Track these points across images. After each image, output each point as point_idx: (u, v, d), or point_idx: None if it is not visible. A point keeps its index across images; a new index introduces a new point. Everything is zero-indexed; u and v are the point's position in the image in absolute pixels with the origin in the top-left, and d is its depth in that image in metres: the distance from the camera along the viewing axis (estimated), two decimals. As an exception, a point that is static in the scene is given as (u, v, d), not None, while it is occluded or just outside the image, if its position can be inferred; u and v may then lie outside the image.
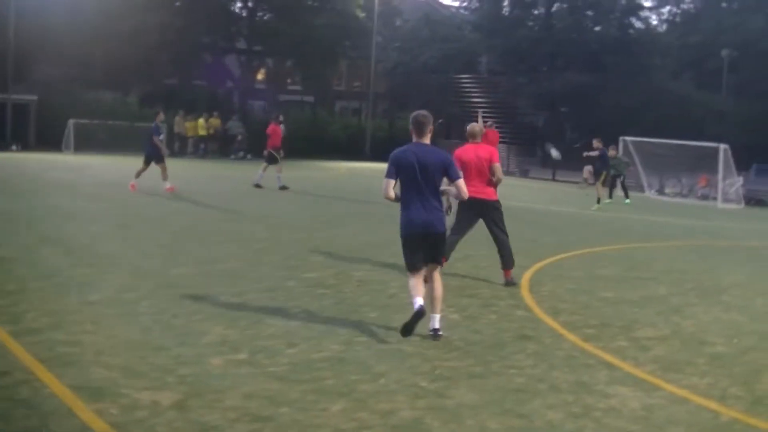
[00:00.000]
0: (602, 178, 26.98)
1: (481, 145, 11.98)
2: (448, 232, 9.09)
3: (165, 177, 22.23)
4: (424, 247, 8.48)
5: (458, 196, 8.84)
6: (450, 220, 9.62)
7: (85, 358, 7.08)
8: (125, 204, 18.98)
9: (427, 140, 8.60)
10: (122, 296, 9.46)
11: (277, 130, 26.62)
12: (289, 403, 6.24)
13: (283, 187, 25.47)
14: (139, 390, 6.31)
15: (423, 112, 8.78)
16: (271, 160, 25.84)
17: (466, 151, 11.75)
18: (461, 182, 8.73)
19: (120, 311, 8.76)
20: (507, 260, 11.92)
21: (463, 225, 12.06)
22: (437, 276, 8.65)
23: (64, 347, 7.33)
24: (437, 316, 8.45)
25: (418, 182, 8.39)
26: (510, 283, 11.74)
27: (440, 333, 8.33)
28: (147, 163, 22.38)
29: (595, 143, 27.33)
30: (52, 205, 18.18)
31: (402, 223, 8.58)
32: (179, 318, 8.58)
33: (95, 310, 8.73)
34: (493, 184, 11.84)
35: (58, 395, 6.10)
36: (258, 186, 25.54)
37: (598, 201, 26.13)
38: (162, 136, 23.10)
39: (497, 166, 11.78)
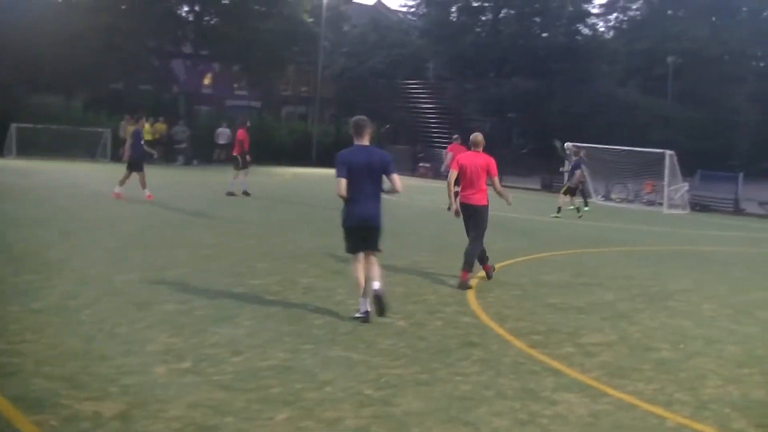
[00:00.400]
0: (564, 188, 26.71)
1: (480, 154, 12.65)
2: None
3: (144, 184, 22.22)
4: (363, 237, 9.63)
5: (392, 189, 9.71)
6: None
7: (25, 368, 6.95)
8: (71, 210, 18.76)
9: (366, 141, 9.69)
10: (66, 304, 9.32)
11: (246, 136, 27.03)
12: (234, 412, 6.18)
13: (231, 194, 25.69)
14: (80, 401, 6.21)
15: (362, 116, 9.88)
16: (241, 164, 26.25)
17: (467, 157, 12.66)
18: (395, 176, 9.63)
19: (63, 319, 8.63)
20: (469, 263, 12.20)
21: (468, 228, 12.67)
22: (374, 260, 9.67)
23: (5, 357, 7.20)
24: (377, 283, 9.38)
25: (365, 180, 9.43)
26: (463, 285, 11.94)
27: (381, 293, 9.32)
28: (133, 169, 22.27)
29: (575, 149, 27.31)
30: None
31: (345, 215, 9.65)
32: (123, 326, 8.47)
33: (37, 318, 8.58)
34: (485, 191, 12.54)
35: (-3, 406, 5.97)
36: (246, 193, 26.08)
37: (559, 210, 25.99)
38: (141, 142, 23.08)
39: (497, 180, 12.72)
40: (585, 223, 24.89)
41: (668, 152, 33.75)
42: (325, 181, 29.00)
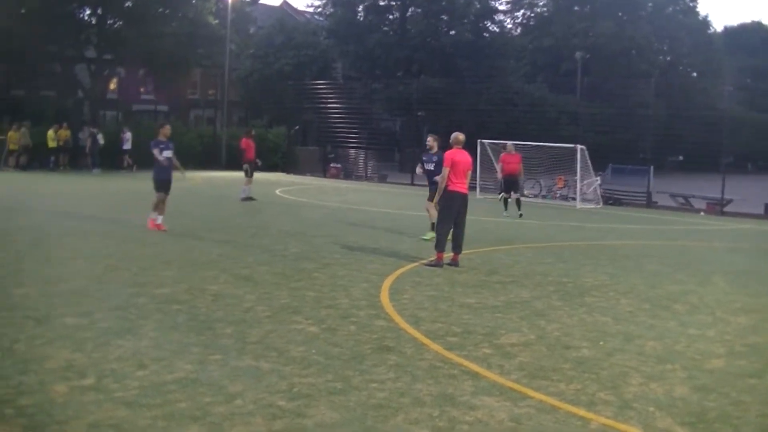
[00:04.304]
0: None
1: (464, 151, 15.01)
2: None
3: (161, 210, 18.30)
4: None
5: None
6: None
7: None
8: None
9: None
10: (-41, 321, 8.89)
11: (250, 144, 27.61)
12: (138, 431, 5.88)
13: (248, 198, 26.74)
14: (-28, 426, 5.85)
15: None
16: (249, 172, 26.95)
17: (457, 154, 14.76)
18: None
19: (-45, 338, 8.21)
20: (461, 244, 14.71)
21: (452, 215, 14.60)
22: None
23: None
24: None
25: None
26: (454, 263, 14.41)
27: None
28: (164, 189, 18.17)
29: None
30: None
31: None
32: (20, 343, 8.08)
33: (-72, 338, 8.16)
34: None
35: None
36: (248, 199, 26.75)
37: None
38: (170, 153, 18.22)
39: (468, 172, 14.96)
40: (497, 220, 24.91)
41: (579, 147, 34.00)
42: (234, 185, 28.66)
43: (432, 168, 18.17)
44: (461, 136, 15.03)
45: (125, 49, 48.52)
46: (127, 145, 43.47)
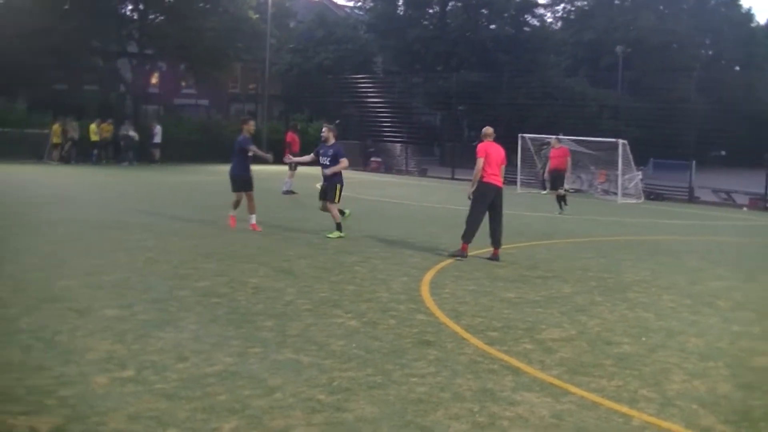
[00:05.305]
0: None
1: (496, 144, 14.98)
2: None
3: (252, 210, 17.66)
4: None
5: None
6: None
7: (-42, 381, 6.59)
8: (6, 214, 18.20)
9: None
10: (1, 312, 8.94)
11: (295, 137, 28.09)
12: (178, 423, 5.86)
13: (289, 192, 27.19)
14: (15, 415, 5.86)
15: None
16: (293, 165, 26.81)
17: (490, 146, 14.76)
18: None
19: (-2, 329, 8.25)
20: (500, 239, 14.73)
21: (484, 206, 14.65)
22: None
23: (-65, 371, 6.83)
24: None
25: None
26: (494, 258, 14.47)
27: None
28: (245, 189, 17.73)
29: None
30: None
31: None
32: (62, 334, 8.10)
33: (-29, 329, 8.21)
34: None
35: (-75, 426, 5.63)
36: (289, 192, 27.25)
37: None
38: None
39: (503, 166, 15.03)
40: (536, 214, 24.77)
41: (621, 141, 33.76)
42: (277, 179, 28.69)
43: (327, 162, 16.80)
44: (490, 129, 15.05)
45: (166, 44, 48.78)
46: (157, 139, 43.86)
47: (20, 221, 17.21)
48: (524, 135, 37.60)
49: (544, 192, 27.25)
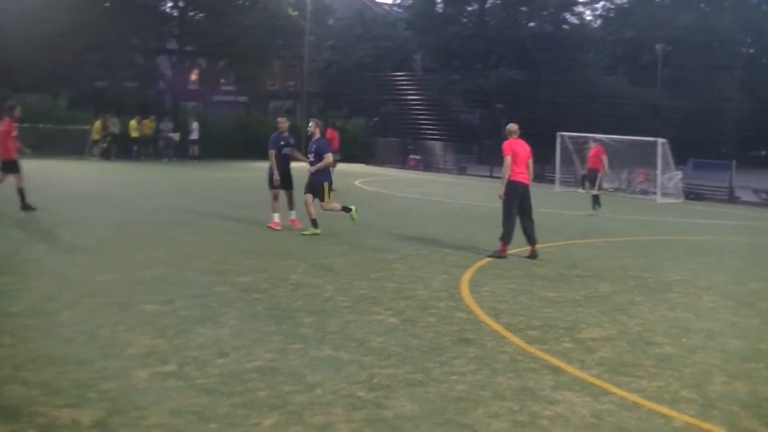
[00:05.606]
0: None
1: (522, 140, 14.87)
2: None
3: (292, 206, 17.38)
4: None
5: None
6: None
7: (1, 374, 6.65)
8: (49, 209, 18.34)
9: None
10: (44, 306, 8.99)
11: (335, 134, 28.41)
12: (219, 418, 5.87)
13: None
14: (58, 408, 5.90)
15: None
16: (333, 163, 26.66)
17: (516, 143, 14.71)
18: None
19: (41, 322, 8.30)
20: (533, 236, 14.75)
21: (515, 205, 14.59)
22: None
23: (-20, 363, 6.89)
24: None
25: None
26: (533, 256, 14.45)
27: None
28: (285, 187, 17.21)
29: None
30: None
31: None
32: (104, 328, 8.15)
33: (15, 322, 8.27)
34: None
35: (-29, 416, 5.67)
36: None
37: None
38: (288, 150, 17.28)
39: (530, 161, 14.89)
40: (575, 213, 24.66)
41: (660, 140, 33.52)
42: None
43: (311, 158, 16.29)
44: (515, 126, 14.97)
45: (206, 41, 49.04)
46: (194, 135, 44.12)
47: (63, 217, 17.35)
48: (563, 133, 37.43)
49: (581, 191, 26.95)
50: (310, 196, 16.19)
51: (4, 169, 17.99)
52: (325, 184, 16.20)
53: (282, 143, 17.06)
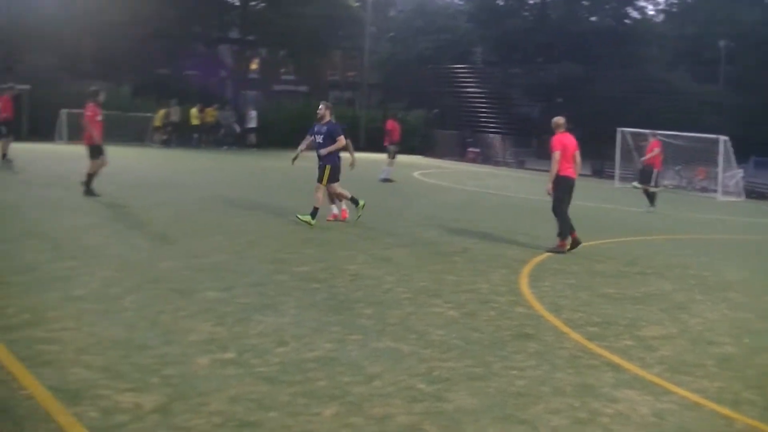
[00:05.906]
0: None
1: (569, 134, 14.75)
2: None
3: (334, 198, 16.97)
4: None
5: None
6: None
7: (65, 357, 6.69)
8: (112, 195, 18.50)
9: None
10: (106, 291, 9.06)
11: (395, 125, 28.17)
12: (279, 406, 5.87)
13: (387, 180, 27.08)
14: (120, 392, 5.93)
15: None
16: (392, 153, 27.37)
17: (565, 137, 14.58)
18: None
19: (103, 307, 8.36)
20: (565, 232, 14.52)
21: (567, 199, 14.53)
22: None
23: (44, 345, 6.93)
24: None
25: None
26: (575, 243, 14.40)
27: None
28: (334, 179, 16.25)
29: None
30: (39, 196, 17.80)
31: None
32: (165, 314, 8.20)
33: (77, 306, 8.32)
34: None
35: (35, 397, 5.72)
36: (387, 180, 27.14)
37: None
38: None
39: (577, 153, 14.71)
40: (633, 209, 24.42)
41: (722, 138, 33.08)
42: (375, 167, 28.68)
43: (321, 141, 15.84)
44: (562, 120, 14.85)
45: (267, 31, 49.27)
46: (252, 123, 44.32)
47: (125, 203, 17.50)
48: (623, 129, 37.09)
49: (636, 184, 26.44)
50: (335, 185, 16.04)
51: (92, 155, 18.07)
52: (328, 167, 15.80)
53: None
